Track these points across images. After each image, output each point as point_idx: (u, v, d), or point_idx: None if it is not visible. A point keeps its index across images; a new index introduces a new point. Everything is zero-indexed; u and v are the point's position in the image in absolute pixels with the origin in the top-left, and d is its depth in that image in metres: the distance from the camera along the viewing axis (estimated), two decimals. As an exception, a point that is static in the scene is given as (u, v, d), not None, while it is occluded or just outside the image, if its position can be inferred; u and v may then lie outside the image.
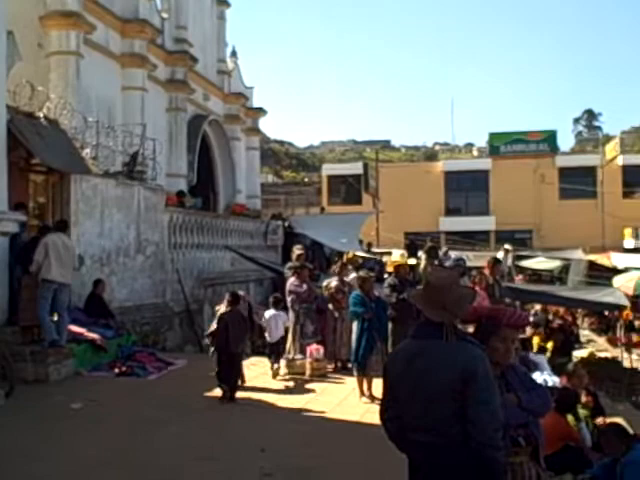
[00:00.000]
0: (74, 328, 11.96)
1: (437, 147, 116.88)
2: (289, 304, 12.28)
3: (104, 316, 13.17)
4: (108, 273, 14.37)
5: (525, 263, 29.82)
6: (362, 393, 10.07)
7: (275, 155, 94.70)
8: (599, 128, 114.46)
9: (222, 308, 10.77)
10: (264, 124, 33.03)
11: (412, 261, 16.51)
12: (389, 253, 24.50)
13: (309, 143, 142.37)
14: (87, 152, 14.50)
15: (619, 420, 8.33)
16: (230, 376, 10.12)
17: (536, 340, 17.40)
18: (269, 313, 12.05)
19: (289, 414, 9.40)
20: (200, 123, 25.10)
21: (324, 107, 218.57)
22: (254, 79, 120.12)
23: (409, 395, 3.76)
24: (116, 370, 11.72)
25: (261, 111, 31.84)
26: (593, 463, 7.12)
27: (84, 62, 17.22)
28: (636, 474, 6.24)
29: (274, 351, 11.86)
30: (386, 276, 14.53)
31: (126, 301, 14.96)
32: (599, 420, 8.34)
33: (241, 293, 11.39)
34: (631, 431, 9.75)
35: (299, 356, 11.96)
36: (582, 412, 8.30)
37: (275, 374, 11.68)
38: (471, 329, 4.30)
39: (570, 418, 7.82)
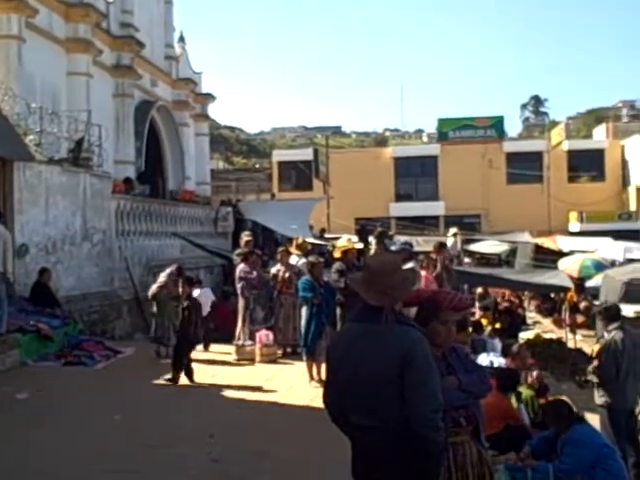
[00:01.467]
0: (19, 318, 11.79)
1: (387, 133, 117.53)
2: (239, 290, 12.29)
3: (50, 305, 12.98)
4: (54, 262, 14.14)
5: (474, 247, 30.18)
6: (311, 377, 10.14)
7: (225, 141, 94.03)
8: (545, 114, 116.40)
9: (158, 285, 11.18)
10: (214, 110, 32.77)
11: (360, 246, 16.57)
12: (339, 239, 24.54)
13: (260, 129, 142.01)
14: (31, 139, 14.21)
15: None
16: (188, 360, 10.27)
17: (484, 322, 17.63)
18: (196, 292, 12.45)
19: (239, 400, 9.42)
20: (148, 109, 24.78)
21: (275, 93, 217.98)
22: (203, 65, 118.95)
23: (350, 378, 3.80)
24: (63, 360, 11.58)
25: (210, 97, 31.56)
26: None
27: (26, 47, 16.83)
28: (573, 452, 6.41)
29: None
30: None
31: (73, 290, 14.76)
32: (543, 400, 8.52)
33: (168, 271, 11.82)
34: (575, 410, 10.02)
35: (249, 342, 11.99)
36: (527, 392, 8.48)
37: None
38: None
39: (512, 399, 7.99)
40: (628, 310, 14.13)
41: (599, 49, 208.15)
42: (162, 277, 12.44)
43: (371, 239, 21.29)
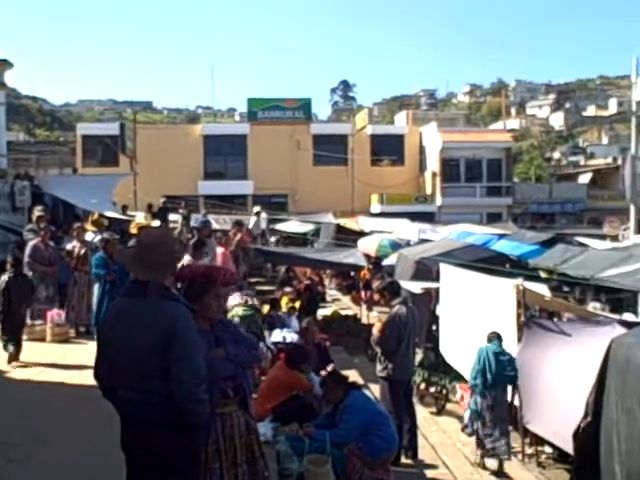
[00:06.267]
0: None
1: (200, 111, 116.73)
2: (26, 267, 11.77)
3: None
4: None
5: (280, 226, 30.67)
6: (104, 356, 9.95)
7: (27, 112, 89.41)
8: (353, 98, 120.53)
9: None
10: (13, 78, 30.81)
11: (156, 223, 16.40)
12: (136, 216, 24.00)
13: (65, 100, 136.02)
14: None
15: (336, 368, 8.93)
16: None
17: (285, 300, 18.04)
18: None
19: (25, 380, 9.10)
20: None
21: (82, 64, 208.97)
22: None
23: (117, 352, 3.84)
24: None
25: (6, 63, 29.63)
26: (317, 411, 7.64)
27: None
28: (349, 418, 6.80)
29: None
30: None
31: None
32: (323, 372, 8.90)
33: None
34: (361, 380, 10.58)
35: (39, 322, 11.53)
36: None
37: None
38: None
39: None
40: (416, 287, 14.98)
41: (406, 39, 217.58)
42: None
43: (177, 217, 21.13)
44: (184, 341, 3.71)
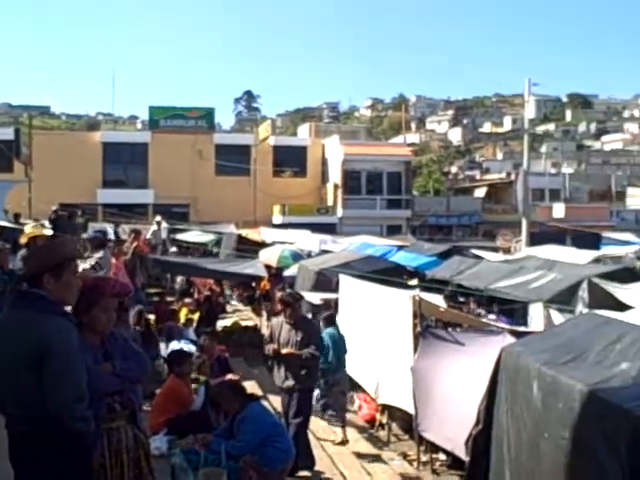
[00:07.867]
0: None
1: (100, 117, 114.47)
2: None
3: None
4: None
5: (180, 236, 30.28)
6: None
7: None
8: (257, 109, 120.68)
9: None
10: None
11: (51, 232, 15.85)
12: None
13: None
14: None
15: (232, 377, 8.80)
16: None
17: (184, 312, 17.82)
18: None
19: None
20: None
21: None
22: None
23: (1, 366, 3.69)
24: None
25: None
26: (213, 424, 7.55)
27: None
28: (246, 430, 6.76)
29: None
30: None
31: None
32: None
33: None
34: (260, 392, 10.53)
35: None
36: (201, 378, 8.74)
37: None
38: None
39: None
40: (316, 297, 15.06)
41: (309, 53, 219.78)
42: None
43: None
44: (60, 357, 3.61)
